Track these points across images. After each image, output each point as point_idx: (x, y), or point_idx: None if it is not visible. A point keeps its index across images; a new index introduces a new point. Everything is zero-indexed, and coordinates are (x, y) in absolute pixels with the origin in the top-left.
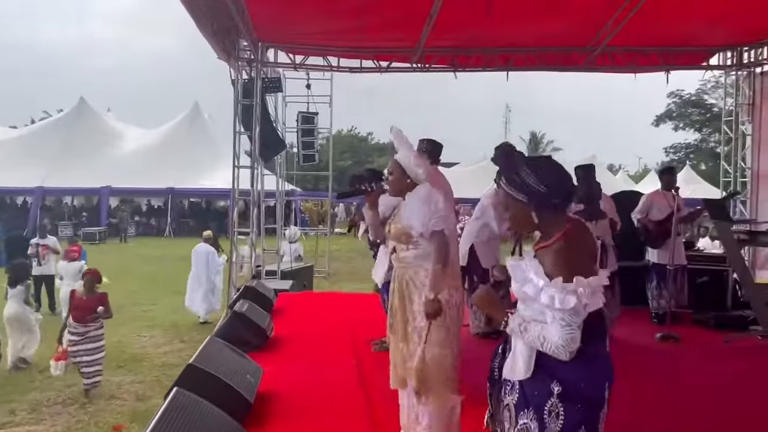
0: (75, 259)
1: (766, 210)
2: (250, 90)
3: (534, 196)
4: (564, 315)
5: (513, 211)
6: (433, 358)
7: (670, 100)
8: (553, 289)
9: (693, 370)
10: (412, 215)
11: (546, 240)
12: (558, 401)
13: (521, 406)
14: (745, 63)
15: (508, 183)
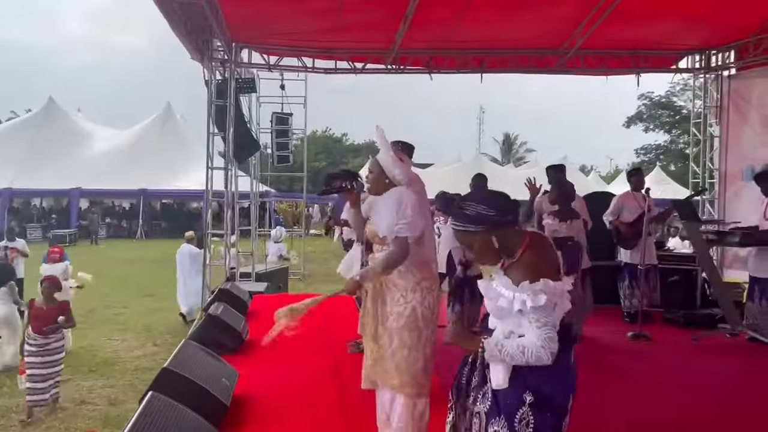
0: (57, 260)
1: (733, 210)
2: (224, 90)
3: (488, 221)
4: (538, 315)
5: (476, 245)
6: (404, 359)
7: (641, 102)
8: (523, 293)
9: (664, 369)
10: (380, 218)
11: (511, 258)
12: (529, 410)
13: (493, 414)
14: (713, 66)
15: (459, 221)
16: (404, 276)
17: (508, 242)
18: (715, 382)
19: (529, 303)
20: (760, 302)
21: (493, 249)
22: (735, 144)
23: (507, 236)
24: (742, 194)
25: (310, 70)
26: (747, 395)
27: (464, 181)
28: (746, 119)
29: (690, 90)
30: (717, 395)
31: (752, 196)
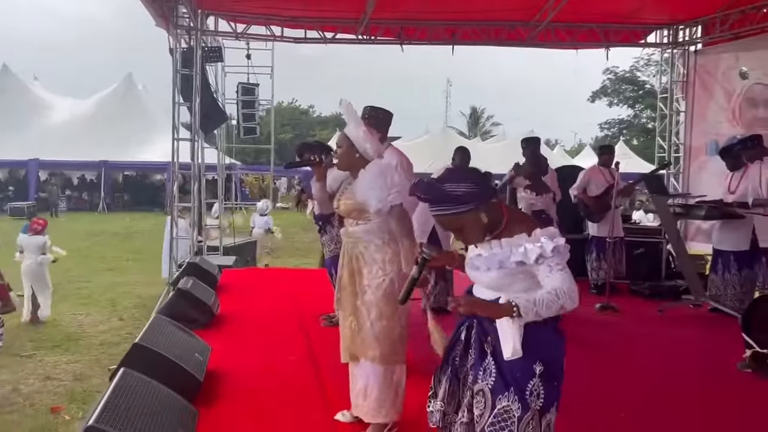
0: (39, 232)
1: (697, 184)
2: (190, 59)
3: (478, 197)
4: (558, 259)
5: (465, 227)
6: (382, 330)
7: (605, 76)
8: (537, 242)
9: (631, 340)
10: (368, 192)
11: (496, 230)
12: (539, 381)
13: (500, 389)
14: (680, 41)
15: (446, 204)
16: (382, 249)
17: (494, 217)
18: (681, 352)
19: (548, 246)
20: (722, 274)
21: (482, 226)
22: (700, 119)
23: (492, 211)
24: (706, 168)
25: (278, 39)
26: (710, 364)
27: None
28: (711, 94)
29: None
30: (682, 365)
31: (716, 170)
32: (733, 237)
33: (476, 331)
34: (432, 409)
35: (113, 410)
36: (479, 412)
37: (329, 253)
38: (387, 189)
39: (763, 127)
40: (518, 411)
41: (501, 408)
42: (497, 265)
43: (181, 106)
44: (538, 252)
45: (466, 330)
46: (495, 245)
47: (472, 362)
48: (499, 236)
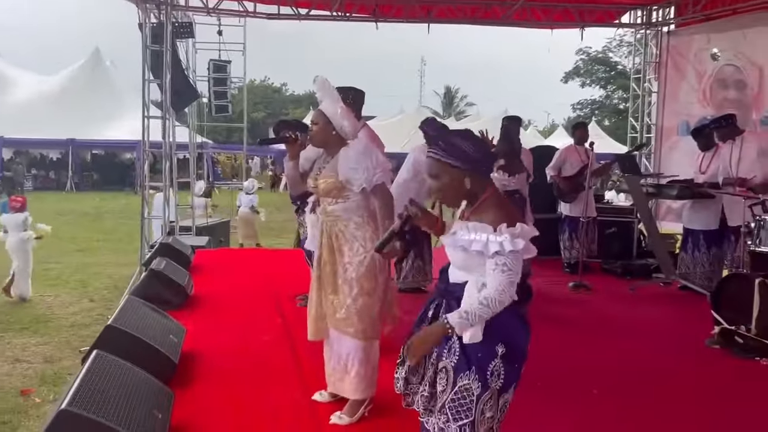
0: (18, 209)
1: (668, 164)
2: (160, 35)
3: (470, 161)
4: (511, 260)
5: (445, 179)
6: (364, 305)
7: (578, 57)
8: (501, 236)
9: (603, 317)
10: (353, 170)
11: (473, 205)
12: (501, 362)
13: (462, 368)
14: (654, 22)
15: (441, 149)
16: (362, 227)
17: (476, 189)
18: (651, 329)
19: (507, 246)
20: (692, 253)
21: (459, 190)
22: (672, 99)
23: (477, 183)
24: (678, 148)
25: (251, 14)
26: (680, 341)
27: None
28: (683, 75)
29: (626, 46)
30: (653, 342)
31: (687, 150)
32: (703, 216)
33: (444, 310)
34: (398, 376)
35: (87, 393)
36: (441, 388)
37: (304, 234)
38: (373, 168)
39: (733, 108)
40: (478, 390)
41: (461, 386)
42: (461, 249)
43: (152, 83)
44: (497, 248)
45: (435, 308)
46: (464, 227)
47: None
48: (474, 215)
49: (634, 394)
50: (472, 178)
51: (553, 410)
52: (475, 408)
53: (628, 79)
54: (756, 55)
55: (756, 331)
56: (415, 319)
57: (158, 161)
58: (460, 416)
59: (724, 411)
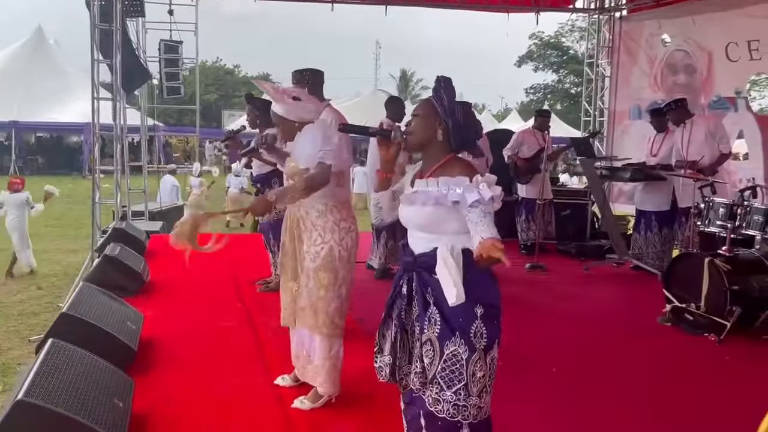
0: (18, 190)
1: (620, 147)
2: (108, 13)
3: (453, 116)
4: (488, 208)
5: (422, 120)
6: (320, 299)
7: (531, 41)
8: (476, 187)
9: (559, 297)
10: (302, 150)
11: (432, 166)
12: (481, 322)
13: (446, 335)
14: (606, 7)
15: (437, 95)
16: (323, 216)
17: (441, 146)
18: (605, 308)
19: (486, 194)
20: (644, 233)
21: (428, 136)
22: (624, 84)
23: (445, 141)
24: (629, 132)
25: None
26: (633, 319)
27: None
28: (635, 60)
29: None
30: (607, 320)
31: (638, 134)
32: (654, 198)
33: (417, 283)
34: (380, 364)
35: (43, 383)
36: (429, 361)
37: (266, 218)
38: (320, 146)
39: (683, 92)
40: (465, 353)
41: (449, 353)
42: (433, 201)
43: (101, 63)
44: (476, 197)
45: (407, 284)
46: (432, 183)
47: (417, 314)
48: (437, 174)
49: (591, 371)
50: (445, 134)
51: (513, 389)
52: (466, 371)
53: (579, 63)
54: (705, 41)
55: (705, 309)
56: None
57: (107, 144)
58: (453, 382)
59: (674, 385)
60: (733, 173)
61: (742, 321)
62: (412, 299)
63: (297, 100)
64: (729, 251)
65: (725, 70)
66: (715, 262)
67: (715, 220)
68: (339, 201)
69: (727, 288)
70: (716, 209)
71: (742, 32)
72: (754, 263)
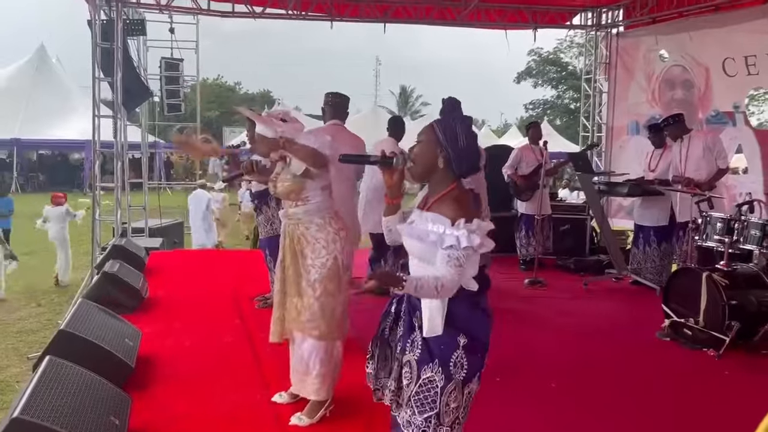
0: (60, 203)
1: (618, 162)
2: (110, 32)
3: (454, 144)
4: (462, 254)
5: (424, 147)
6: (329, 306)
7: (530, 58)
8: (458, 230)
9: (559, 312)
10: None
11: (434, 195)
12: (463, 353)
13: (425, 360)
14: (604, 24)
15: (440, 121)
16: (323, 229)
17: (444, 174)
18: (605, 323)
19: (463, 242)
20: (643, 248)
21: (430, 165)
22: (622, 99)
23: (448, 169)
24: (627, 147)
25: (204, 12)
26: (632, 334)
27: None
28: (632, 75)
29: (576, 47)
30: (606, 335)
31: (636, 149)
32: (653, 213)
33: (406, 305)
34: (370, 370)
35: (40, 400)
36: (406, 382)
37: (264, 234)
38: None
39: (680, 108)
40: (441, 381)
41: (425, 378)
42: (417, 237)
43: (102, 81)
44: (452, 242)
45: (396, 303)
46: (424, 217)
47: (401, 334)
48: (434, 207)
49: (590, 387)
50: (446, 162)
51: (512, 405)
52: (439, 400)
53: (578, 79)
54: (702, 56)
55: (703, 323)
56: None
57: (108, 161)
58: (425, 408)
59: (674, 400)
60: (733, 187)
61: (741, 335)
62: (399, 319)
63: (283, 122)
64: (727, 266)
65: (723, 85)
66: (712, 276)
67: (712, 235)
68: (333, 212)
69: (725, 302)
70: (713, 224)
71: (739, 48)
72: (751, 277)
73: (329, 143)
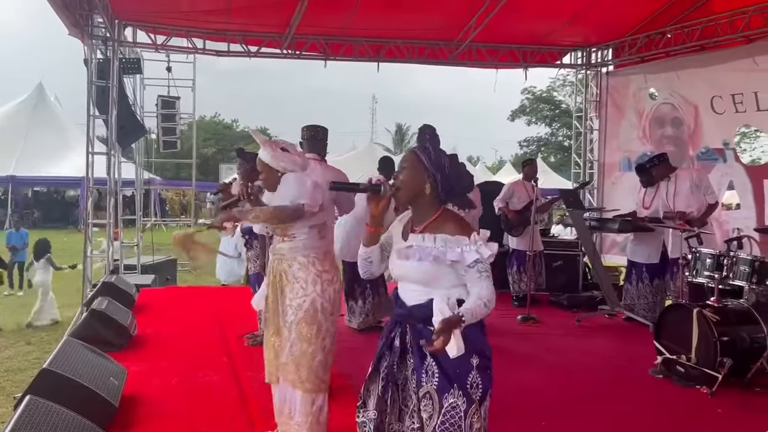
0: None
1: (611, 198)
2: (106, 70)
3: (440, 171)
4: (486, 266)
5: (410, 173)
6: (302, 353)
7: (524, 96)
8: (475, 245)
9: (552, 349)
10: (284, 196)
11: (423, 220)
12: (477, 373)
13: (444, 388)
14: (593, 63)
15: (423, 148)
16: (305, 268)
17: (430, 200)
18: (598, 360)
19: (485, 253)
20: (636, 284)
21: (416, 191)
22: (613, 136)
23: (435, 196)
24: (620, 183)
25: (200, 51)
26: (625, 371)
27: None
28: (623, 113)
29: (569, 85)
30: (599, 372)
31: (629, 185)
32: (645, 250)
33: (411, 335)
34: (363, 419)
35: None
36: (428, 415)
37: (253, 269)
38: (298, 192)
39: (671, 145)
40: (464, 405)
41: (448, 405)
42: (431, 258)
43: (97, 118)
44: (475, 257)
45: (400, 336)
46: (429, 239)
47: (412, 367)
48: (431, 230)
49: (582, 424)
50: (433, 187)
51: None
52: (464, 423)
53: (571, 117)
54: (690, 95)
55: (695, 360)
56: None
57: (103, 198)
58: None
59: None
60: (726, 223)
61: (734, 372)
62: (406, 352)
63: (285, 152)
64: (717, 302)
65: (712, 122)
66: (703, 312)
67: (702, 271)
68: (321, 252)
69: (717, 339)
70: (703, 260)
71: (726, 86)
72: (742, 314)
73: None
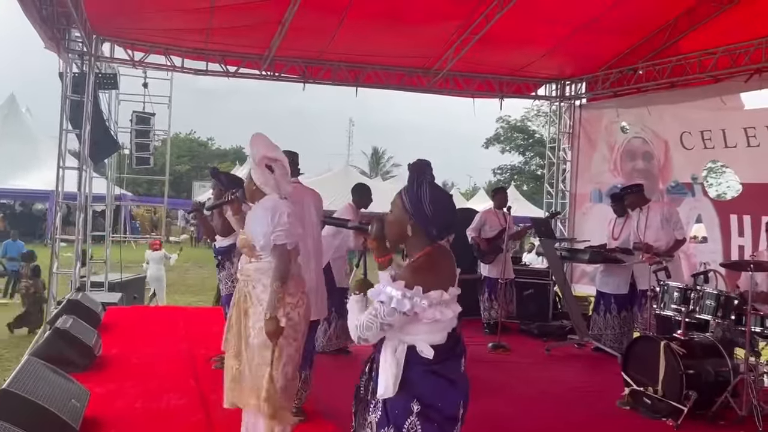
0: (157, 249)
1: (581, 229)
2: (81, 84)
3: (420, 214)
4: (386, 311)
5: (394, 215)
6: (262, 378)
7: (498, 124)
8: (393, 290)
9: (521, 378)
10: (256, 226)
11: (410, 260)
12: (417, 419)
13: (383, 423)
14: (567, 96)
15: (407, 190)
16: (268, 290)
17: (414, 241)
18: (566, 390)
19: (394, 302)
20: (604, 315)
21: (399, 232)
22: (585, 168)
23: (418, 237)
24: (590, 214)
25: (178, 69)
26: (593, 402)
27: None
28: (595, 145)
29: (543, 116)
30: (567, 402)
31: (599, 216)
32: (614, 281)
33: (375, 365)
34: None
35: None
36: None
37: (225, 291)
38: (273, 225)
39: (642, 178)
40: None
41: None
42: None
43: (70, 133)
44: (383, 298)
45: (370, 363)
46: (386, 279)
47: (371, 393)
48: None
49: None
50: (415, 229)
51: None
52: None
53: (545, 147)
54: (661, 130)
55: (662, 392)
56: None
57: (72, 213)
58: None
59: None
60: (693, 256)
61: (699, 406)
62: (371, 379)
63: (270, 171)
64: (684, 335)
65: (681, 157)
66: (671, 345)
67: (670, 304)
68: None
69: (683, 372)
70: (671, 293)
71: (694, 123)
72: (708, 348)
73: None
